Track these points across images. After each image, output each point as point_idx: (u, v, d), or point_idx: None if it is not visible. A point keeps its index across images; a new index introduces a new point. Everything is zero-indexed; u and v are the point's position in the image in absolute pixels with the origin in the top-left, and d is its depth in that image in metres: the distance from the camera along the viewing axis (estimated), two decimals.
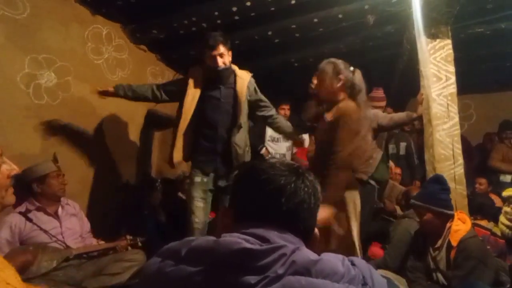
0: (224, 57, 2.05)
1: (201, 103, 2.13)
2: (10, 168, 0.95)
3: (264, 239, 0.64)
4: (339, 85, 1.78)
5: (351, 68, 1.83)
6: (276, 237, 0.66)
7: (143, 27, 3.11)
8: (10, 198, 0.93)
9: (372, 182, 2.98)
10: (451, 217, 1.87)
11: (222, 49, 2.02)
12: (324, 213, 1.53)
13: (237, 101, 2.14)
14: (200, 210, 2.08)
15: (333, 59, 1.85)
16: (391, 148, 3.89)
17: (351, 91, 1.79)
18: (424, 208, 1.88)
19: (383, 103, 3.01)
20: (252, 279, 0.57)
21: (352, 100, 1.79)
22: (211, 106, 2.14)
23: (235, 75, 2.18)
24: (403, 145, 3.84)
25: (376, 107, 2.93)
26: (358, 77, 1.81)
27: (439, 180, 1.93)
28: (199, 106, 2.13)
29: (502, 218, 2.66)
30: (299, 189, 0.72)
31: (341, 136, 1.67)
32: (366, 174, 3.01)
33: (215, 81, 2.13)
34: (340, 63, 1.83)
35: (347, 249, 1.75)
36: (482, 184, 3.58)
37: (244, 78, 2.18)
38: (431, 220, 1.87)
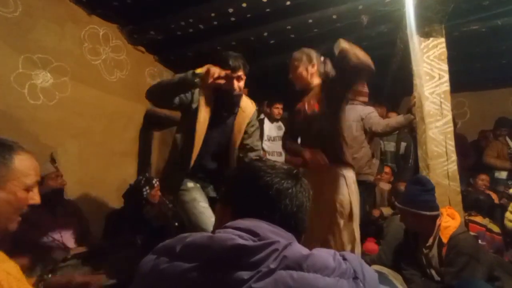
0: (240, 81, 1.87)
1: (208, 127, 1.89)
2: (34, 198, 0.93)
3: (255, 234, 0.66)
4: (313, 71, 1.95)
5: (322, 58, 1.98)
6: (267, 231, 0.67)
7: (140, 28, 3.11)
8: (15, 226, 0.90)
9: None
10: (436, 217, 1.83)
11: (241, 72, 1.85)
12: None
13: (232, 138, 1.93)
14: (208, 209, 1.84)
15: (304, 49, 2.01)
16: (392, 146, 3.85)
17: (325, 77, 1.94)
18: (404, 211, 1.87)
19: (366, 99, 2.99)
20: (245, 274, 0.59)
21: None
22: (215, 132, 1.91)
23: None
24: (403, 144, 3.80)
25: (360, 102, 2.92)
26: (329, 65, 1.93)
27: (420, 182, 1.88)
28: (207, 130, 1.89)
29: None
30: (299, 193, 0.76)
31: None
32: (372, 175, 3.03)
33: (223, 105, 1.91)
34: (312, 51, 1.99)
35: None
36: (483, 180, 3.51)
37: (246, 113, 1.96)
38: (413, 222, 1.86)
